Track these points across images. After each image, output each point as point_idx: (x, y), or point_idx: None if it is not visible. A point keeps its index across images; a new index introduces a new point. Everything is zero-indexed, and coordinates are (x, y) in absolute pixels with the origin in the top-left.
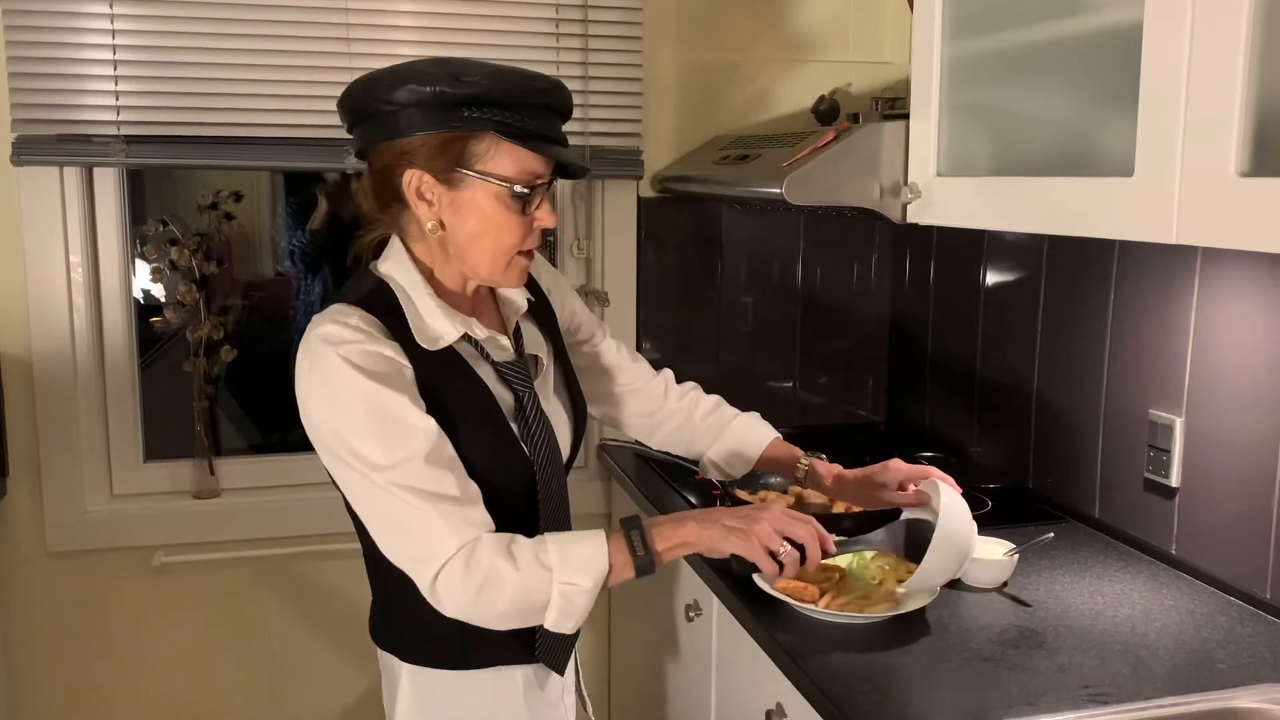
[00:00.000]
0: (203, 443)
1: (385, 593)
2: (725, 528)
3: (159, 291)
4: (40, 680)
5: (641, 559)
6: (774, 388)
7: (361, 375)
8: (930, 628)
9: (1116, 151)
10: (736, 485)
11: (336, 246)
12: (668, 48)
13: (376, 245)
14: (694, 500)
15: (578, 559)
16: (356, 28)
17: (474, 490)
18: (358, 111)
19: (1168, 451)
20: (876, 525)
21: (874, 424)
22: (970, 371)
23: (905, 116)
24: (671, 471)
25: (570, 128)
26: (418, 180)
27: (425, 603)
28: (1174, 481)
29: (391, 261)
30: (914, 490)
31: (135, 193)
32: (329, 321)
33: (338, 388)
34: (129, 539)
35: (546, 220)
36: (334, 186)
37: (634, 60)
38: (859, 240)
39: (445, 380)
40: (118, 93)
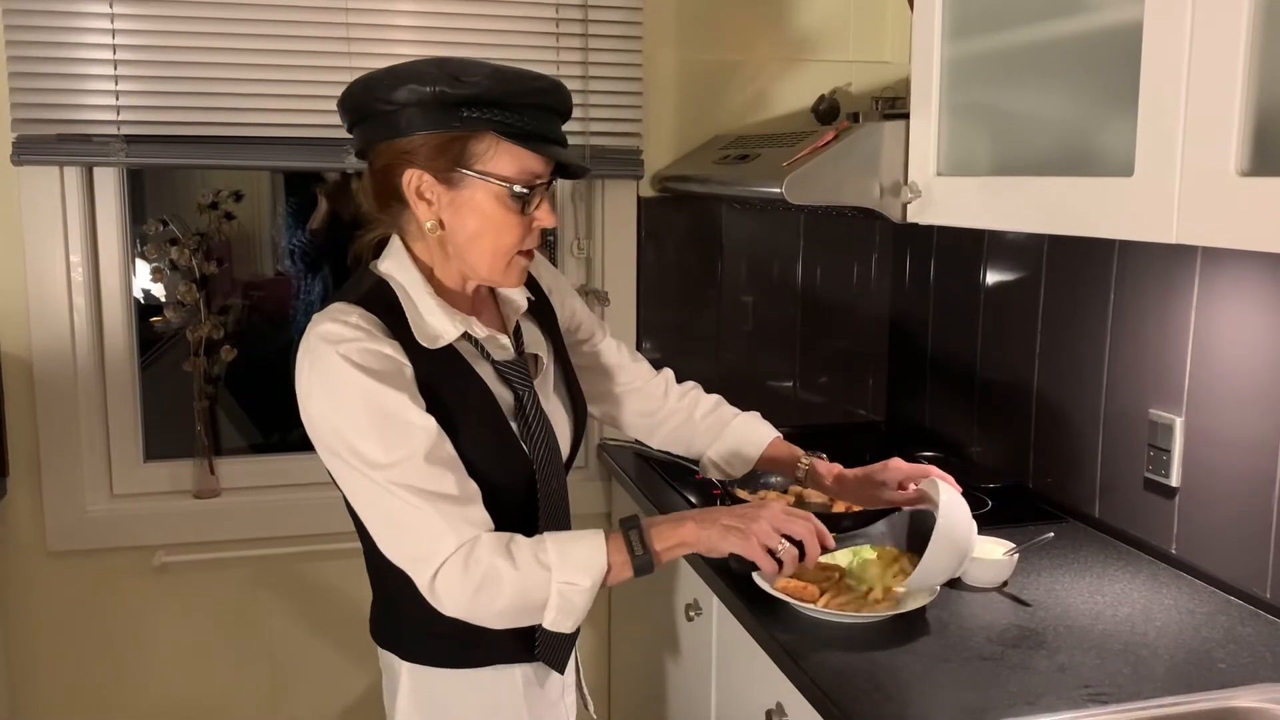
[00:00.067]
0: (203, 442)
1: (385, 592)
2: (723, 527)
3: (159, 291)
4: (40, 680)
5: (640, 559)
6: (774, 387)
7: (361, 373)
8: (930, 627)
9: (1116, 151)
10: (737, 485)
11: (336, 246)
12: (668, 47)
13: (376, 245)
14: (694, 500)
15: (577, 558)
16: (356, 28)
17: (473, 489)
18: (358, 111)
19: (1168, 451)
20: None
21: (874, 423)
22: (970, 371)
23: (905, 116)
24: (671, 471)
25: (570, 128)
26: (417, 180)
27: (425, 602)
28: (1174, 481)
29: (391, 260)
30: (914, 489)
31: (135, 192)
32: (329, 320)
33: (338, 386)
34: (129, 539)
35: (546, 220)
36: (334, 186)
37: (634, 60)
38: (859, 240)
39: (445, 379)
40: (118, 92)
